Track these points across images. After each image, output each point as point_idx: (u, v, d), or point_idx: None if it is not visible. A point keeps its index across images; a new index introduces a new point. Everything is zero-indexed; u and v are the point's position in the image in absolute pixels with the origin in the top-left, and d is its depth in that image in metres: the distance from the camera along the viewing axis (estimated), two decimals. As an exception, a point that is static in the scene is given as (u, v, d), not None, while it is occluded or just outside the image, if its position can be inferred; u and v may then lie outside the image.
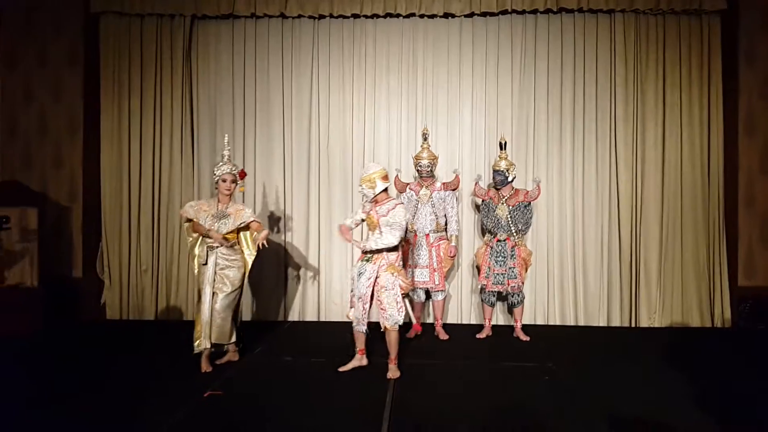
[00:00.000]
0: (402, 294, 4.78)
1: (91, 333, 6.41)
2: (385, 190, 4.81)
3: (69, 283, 6.89)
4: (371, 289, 4.75)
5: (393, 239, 4.67)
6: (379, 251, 4.75)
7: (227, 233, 4.92)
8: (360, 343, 4.94)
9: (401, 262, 4.92)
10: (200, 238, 5.01)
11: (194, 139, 7.06)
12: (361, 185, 4.82)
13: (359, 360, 4.96)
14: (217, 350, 5.03)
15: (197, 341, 4.85)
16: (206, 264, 4.91)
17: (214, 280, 4.87)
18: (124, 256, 6.95)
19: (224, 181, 4.96)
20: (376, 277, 4.74)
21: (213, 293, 4.85)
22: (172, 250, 6.94)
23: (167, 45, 6.96)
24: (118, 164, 6.96)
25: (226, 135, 5.40)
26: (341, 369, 4.88)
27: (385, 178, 4.79)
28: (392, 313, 4.71)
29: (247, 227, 5.06)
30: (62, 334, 6.25)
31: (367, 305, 4.77)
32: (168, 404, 4.12)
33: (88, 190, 6.98)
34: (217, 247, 4.91)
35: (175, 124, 6.97)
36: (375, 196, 4.78)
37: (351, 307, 4.92)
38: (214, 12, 6.85)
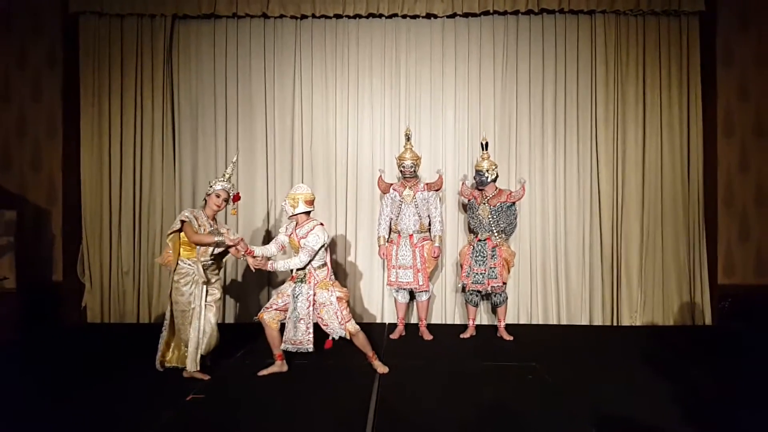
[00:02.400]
0: (346, 299, 4.83)
1: (71, 337, 6.33)
2: (308, 213, 4.84)
3: (49, 286, 6.81)
4: (312, 308, 4.75)
5: (299, 262, 4.70)
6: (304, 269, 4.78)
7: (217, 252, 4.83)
8: (276, 349, 4.88)
9: (332, 275, 4.94)
10: (184, 253, 4.78)
11: (175, 139, 7.01)
12: (285, 200, 4.83)
13: (279, 366, 4.92)
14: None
15: (190, 361, 4.70)
16: (209, 282, 4.80)
17: (205, 295, 4.80)
18: (105, 258, 6.89)
19: (218, 196, 4.82)
20: (314, 295, 4.76)
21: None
22: (154, 252, 6.88)
23: (148, 45, 6.90)
24: (99, 166, 6.89)
25: (236, 155, 5.39)
26: (260, 373, 4.84)
27: (310, 203, 4.83)
28: (334, 327, 4.75)
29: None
30: (42, 338, 6.17)
31: (311, 325, 4.74)
32: (150, 408, 4.09)
33: (68, 192, 6.89)
34: (212, 263, 4.82)
35: (156, 125, 6.91)
36: (295, 216, 4.82)
37: (266, 308, 4.88)
38: (195, 12, 6.80)
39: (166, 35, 6.89)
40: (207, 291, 4.79)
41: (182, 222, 4.68)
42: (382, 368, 4.89)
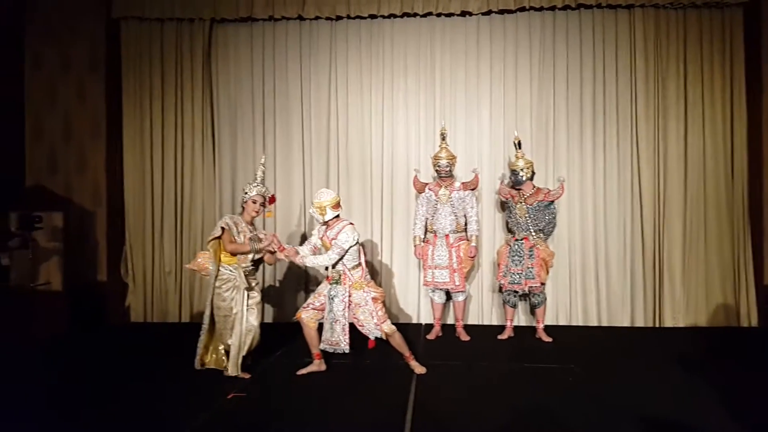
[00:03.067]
0: (382, 300, 4.85)
1: (115, 336, 6.51)
2: (337, 216, 4.86)
3: (94, 286, 6.97)
4: (347, 309, 4.77)
5: (328, 259, 4.72)
6: (338, 268, 4.82)
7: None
8: (314, 348, 4.92)
9: (367, 275, 4.95)
10: (225, 260, 4.87)
11: (215, 141, 7.14)
12: (312, 208, 4.86)
13: (318, 365, 4.96)
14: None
15: (232, 365, 4.79)
16: (250, 287, 4.87)
17: (247, 300, 4.87)
18: (148, 258, 7.05)
19: (254, 202, 4.89)
20: (349, 296, 4.78)
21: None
22: (196, 252, 6.92)
23: (187, 49, 7.03)
24: (141, 167, 7.06)
25: (264, 155, 5.44)
26: (299, 372, 4.89)
27: (337, 206, 4.85)
28: (370, 327, 4.77)
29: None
30: (87, 337, 6.35)
31: (347, 326, 4.77)
32: (191, 406, 4.18)
33: (112, 194, 7.06)
34: (252, 268, 4.90)
35: (196, 127, 7.05)
36: (326, 222, 4.84)
37: (304, 308, 4.94)
38: (233, 15, 6.90)
39: (204, 39, 7.01)
40: (248, 295, 4.86)
41: (222, 229, 4.75)
42: (419, 368, 4.89)
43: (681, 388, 4.50)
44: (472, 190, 6.10)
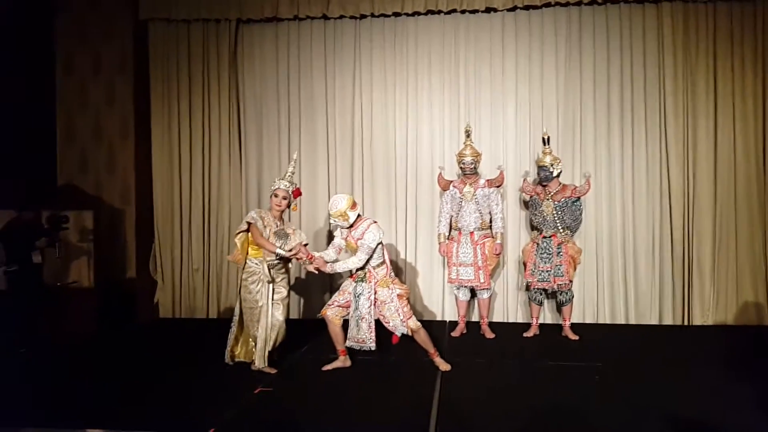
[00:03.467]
0: (407, 297, 4.86)
1: (144, 332, 6.63)
2: (358, 216, 4.86)
3: (123, 283, 7.10)
4: (373, 306, 4.79)
5: (357, 261, 4.73)
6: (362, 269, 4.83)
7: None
8: (339, 344, 4.94)
9: (392, 273, 4.97)
10: (252, 252, 4.93)
11: (241, 140, 7.22)
12: (332, 219, 4.86)
13: (343, 361, 4.99)
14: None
15: (258, 357, 4.86)
16: (274, 281, 4.92)
17: (272, 294, 4.92)
18: (176, 256, 7.16)
19: (276, 195, 4.93)
20: (375, 294, 4.79)
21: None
22: (222, 249, 7.09)
23: (213, 49, 7.11)
24: (169, 166, 7.17)
25: (296, 152, 5.49)
26: (324, 368, 4.93)
27: (354, 206, 4.84)
28: (396, 324, 4.78)
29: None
30: (117, 333, 6.47)
31: (372, 324, 4.78)
32: (218, 400, 4.25)
33: (141, 193, 7.18)
34: (278, 262, 4.94)
35: (223, 126, 7.13)
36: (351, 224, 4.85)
37: (329, 305, 4.96)
38: (258, 15, 6.96)
39: (230, 39, 7.08)
40: (274, 289, 4.91)
41: (248, 224, 4.81)
42: (444, 365, 4.89)
43: (710, 388, 4.42)
44: (497, 187, 6.08)
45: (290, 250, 4.80)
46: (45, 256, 6.28)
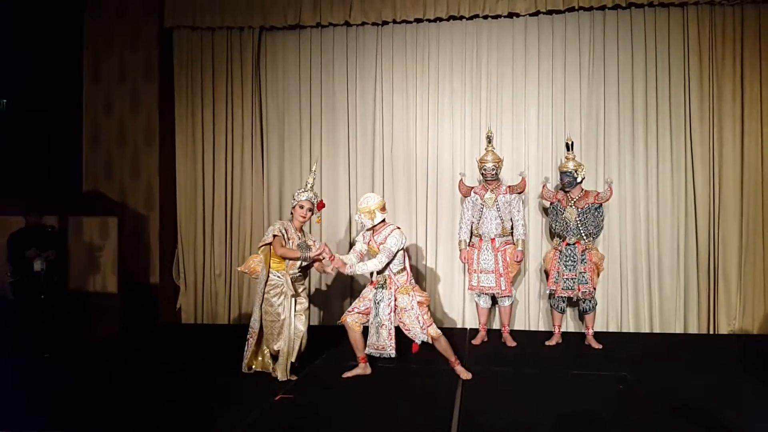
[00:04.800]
0: (427, 304, 4.84)
1: (167, 336, 6.70)
2: (383, 220, 4.84)
3: (146, 288, 7.18)
4: (393, 313, 4.77)
5: (378, 263, 4.70)
6: (381, 272, 4.82)
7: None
8: (359, 351, 4.93)
9: (412, 280, 4.95)
10: (274, 266, 4.92)
11: (263, 146, 7.28)
12: (359, 214, 4.84)
13: (363, 368, 4.97)
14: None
15: (281, 371, 4.85)
16: (297, 294, 4.92)
17: (295, 306, 4.92)
18: (199, 261, 7.24)
19: (302, 207, 4.91)
20: (395, 300, 4.78)
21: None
22: (245, 255, 7.12)
23: (237, 57, 7.19)
24: (193, 173, 7.25)
25: (315, 163, 5.50)
26: (344, 375, 4.92)
27: (384, 209, 4.83)
28: (416, 331, 4.75)
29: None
30: (140, 338, 6.54)
31: (392, 331, 4.76)
32: (240, 407, 4.26)
33: (165, 199, 7.27)
34: (299, 275, 4.95)
35: (246, 133, 7.20)
36: (374, 226, 4.82)
37: (349, 312, 4.96)
38: (281, 23, 7.01)
39: (254, 46, 7.15)
40: (295, 301, 4.92)
41: (274, 236, 4.81)
42: (465, 374, 4.85)
43: (736, 398, 4.34)
44: (519, 193, 6.03)
45: (316, 250, 4.80)
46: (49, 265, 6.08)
